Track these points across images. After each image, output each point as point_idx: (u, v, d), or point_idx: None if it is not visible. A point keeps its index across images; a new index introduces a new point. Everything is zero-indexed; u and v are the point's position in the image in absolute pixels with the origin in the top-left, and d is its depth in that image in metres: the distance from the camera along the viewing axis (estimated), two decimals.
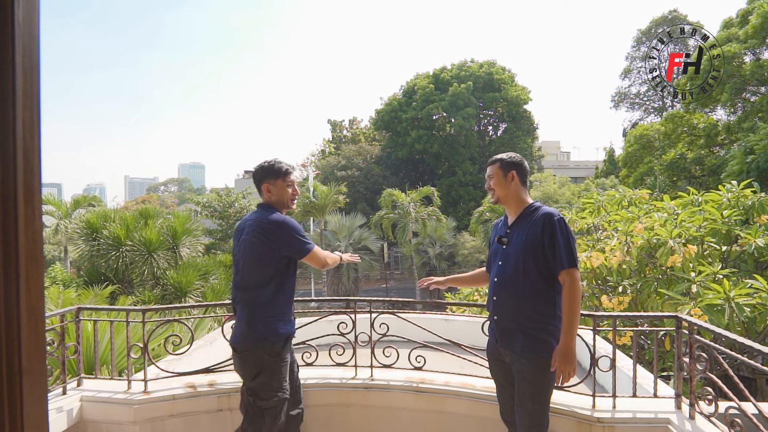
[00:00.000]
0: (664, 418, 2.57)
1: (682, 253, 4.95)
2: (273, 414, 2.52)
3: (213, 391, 3.19)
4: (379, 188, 28.36)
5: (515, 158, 2.53)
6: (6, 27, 0.51)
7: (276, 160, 2.67)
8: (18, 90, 0.52)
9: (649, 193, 7.24)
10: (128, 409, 3.05)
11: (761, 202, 5.37)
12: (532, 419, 2.28)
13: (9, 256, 0.52)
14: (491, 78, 34.03)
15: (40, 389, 0.55)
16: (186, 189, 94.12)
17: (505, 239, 2.46)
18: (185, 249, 11.70)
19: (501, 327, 2.42)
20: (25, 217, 0.52)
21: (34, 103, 0.55)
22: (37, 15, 0.55)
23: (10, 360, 0.50)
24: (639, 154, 17.70)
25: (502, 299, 2.42)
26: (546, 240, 2.28)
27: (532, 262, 2.31)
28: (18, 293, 0.51)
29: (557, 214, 2.33)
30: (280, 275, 2.55)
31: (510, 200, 2.48)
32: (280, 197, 2.64)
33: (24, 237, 0.52)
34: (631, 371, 2.89)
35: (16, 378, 0.51)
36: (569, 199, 26.03)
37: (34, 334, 0.53)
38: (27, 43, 0.53)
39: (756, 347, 2.11)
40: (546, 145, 47.23)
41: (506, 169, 2.49)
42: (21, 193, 0.52)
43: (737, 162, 11.39)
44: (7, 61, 0.51)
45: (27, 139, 0.53)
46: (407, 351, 3.30)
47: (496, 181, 2.51)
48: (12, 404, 0.50)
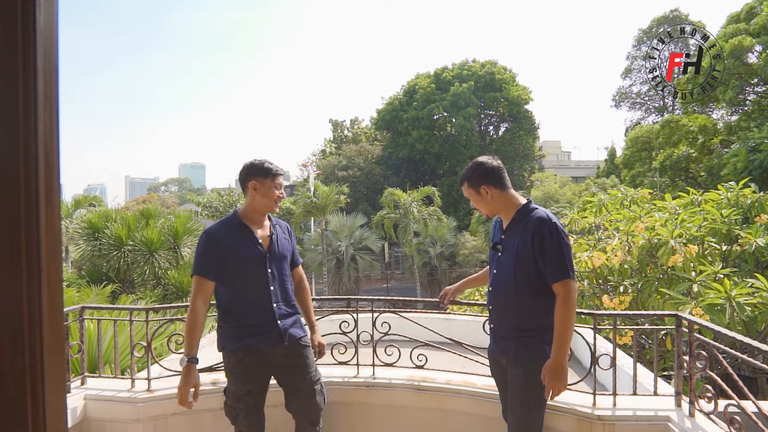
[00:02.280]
0: (664, 415, 2.59)
1: (683, 253, 4.97)
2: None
3: (216, 389, 3.21)
4: (380, 188, 28.39)
5: (478, 169, 2.36)
6: (28, 33, 0.53)
7: (264, 160, 2.59)
8: (39, 93, 0.54)
9: (650, 192, 7.27)
10: (132, 407, 3.07)
11: (761, 202, 5.39)
12: (519, 424, 2.28)
13: (31, 251, 0.54)
14: (492, 78, 34.06)
15: (59, 381, 0.57)
16: (186, 189, 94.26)
17: (500, 246, 2.39)
18: (186, 249, 11.73)
19: (497, 336, 2.43)
20: (46, 214, 0.55)
21: (53, 106, 0.57)
22: (56, 21, 0.57)
23: (32, 351, 0.52)
24: (637, 157, 17.75)
25: (497, 308, 2.40)
26: (537, 249, 2.19)
27: (523, 272, 2.24)
28: (40, 287, 0.53)
29: (549, 220, 2.20)
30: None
31: (499, 210, 2.39)
32: (265, 202, 2.53)
33: (45, 233, 0.55)
34: (632, 370, 2.91)
35: (38, 369, 0.53)
36: (570, 198, 26.05)
37: (54, 328, 0.55)
38: (47, 48, 0.55)
39: (755, 345, 2.13)
40: (547, 144, 47.23)
41: (476, 186, 2.36)
42: (42, 192, 0.54)
43: (741, 159, 11.39)
44: (29, 66, 0.53)
45: (47, 141, 0.56)
46: (409, 350, 3.32)
47: (475, 201, 2.42)
48: (34, 395, 0.52)
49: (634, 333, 3.05)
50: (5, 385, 0.53)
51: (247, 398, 2.50)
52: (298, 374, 2.59)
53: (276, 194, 2.54)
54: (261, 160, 2.58)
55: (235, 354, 2.47)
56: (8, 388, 0.53)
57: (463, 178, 2.42)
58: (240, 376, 2.49)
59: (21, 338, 0.53)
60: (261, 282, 2.50)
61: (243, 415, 2.51)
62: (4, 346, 0.54)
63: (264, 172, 2.53)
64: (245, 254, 2.48)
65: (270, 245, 2.57)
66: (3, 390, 0.54)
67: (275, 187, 2.54)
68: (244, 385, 2.50)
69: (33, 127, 0.54)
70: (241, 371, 2.49)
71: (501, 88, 34.08)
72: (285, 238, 2.69)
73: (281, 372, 2.60)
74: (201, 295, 2.43)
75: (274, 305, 2.51)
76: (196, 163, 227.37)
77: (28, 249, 0.53)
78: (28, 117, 0.53)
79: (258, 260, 2.51)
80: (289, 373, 2.59)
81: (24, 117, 0.53)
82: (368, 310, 3.43)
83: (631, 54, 36.43)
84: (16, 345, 0.53)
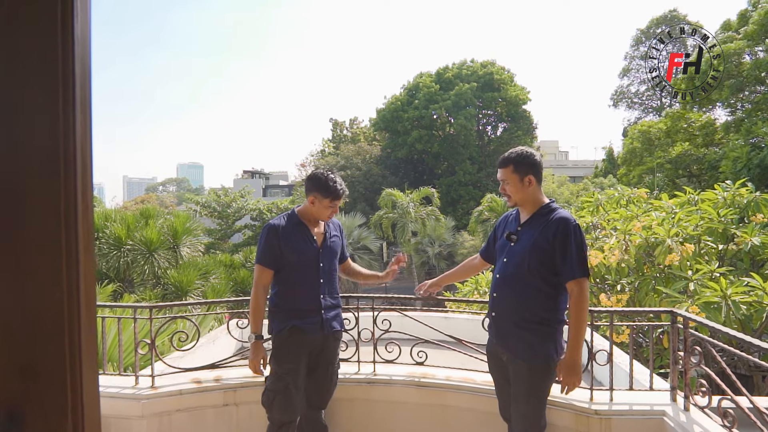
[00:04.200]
0: (659, 410, 2.64)
1: (679, 252, 5.03)
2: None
3: (219, 386, 3.26)
4: (379, 188, 28.41)
5: (530, 158, 2.37)
6: (67, 42, 0.57)
7: (334, 179, 2.69)
8: (77, 98, 0.58)
9: (647, 192, 7.33)
10: (136, 403, 3.11)
11: (756, 201, 5.45)
12: (526, 420, 2.29)
13: (70, 245, 0.58)
14: (491, 78, 34.11)
15: (93, 370, 0.61)
16: (185, 189, 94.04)
17: (514, 236, 2.37)
18: (186, 248, 11.75)
19: (499, 326, 2.39)
20: (83, 211, 0.59)
21: (87, 110, 0.61)
22: (89, 30, 0.61)
23: (72, 340, 0.56)
24: (639, 151, 17.78)
25: (503, 297, 2.37)
26: (557, 245, 2.21)
27: (538, 263, 2.25)
28: (78, 280, 0.58)
29: (573, 221, 2.26)
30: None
31: (527, 202, 2.38)
32: (318, 214, 2.73)
33: (82, 228, 0.59)
34: (628, 366, 2.96)
35: (77, 359, 0.57)
36: (568, 198, 26.13)
37: (89, 319, 0.60)
38: (82, 56, 0.60)
39: (750, 341, 2.18)
40: (544, 144, 47.33)
41: (522, 173, 2.35)
42: (80, 190, 0.59)
43: (740, 156, 11.44)
44: (68, 73, 0.57)
45: (83, 142, 0.60)
46: (409, 347, 3.37)
47: (512, 188, 2.38)
48: (74, 384, 0.56)
49: (631, 330, 3.10)
50: (47, 369, 0.58)
51: (287, 377, 2.62)
52: (324, 359, 2.78)
53: (328, 213, 2.73)
54: (326, 177, 2.70)
55: (281, 333, 2.65)
56: (50, 373, 0.57)
57: (510, 161, 2.37)
58: (283, 355, 2.65)
59: (61, 327, 0.57)
60: (312, 274, 2.72)
61: (280, 398, 2.61)
62: (46, 333, 0.58)
63: (324, 192, 2.67)
64: (301, 248, 2.69)
65: (323, 242, 2.79)
66: (43, 375, 0.58)
67: (330, 207, 2.71)
68: (286, 364, 2.64)
69: (71, 130, 0.58)
70: (285, 350, 2.65)
71: (499, 88, 34.14)
72: (336, 235, 2.91)
73: (312, 355, 2.75)
74: (262, 281, 2.68)
75: (321, 297, 2.73)
76: (195, 163, 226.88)
77: (67, 244, 0.58)
78: (67, 120, 0.58)
79: (311, 255, 2.72)
80: (318, 356, 2.76)
81: (63, 120, 0.57)
82: (369, 308, 3.48)
83: (629, 54, 36.55)
84: (56, 332, 0.57)
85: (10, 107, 0.56)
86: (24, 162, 0.57)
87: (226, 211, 27.73)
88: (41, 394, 0.57)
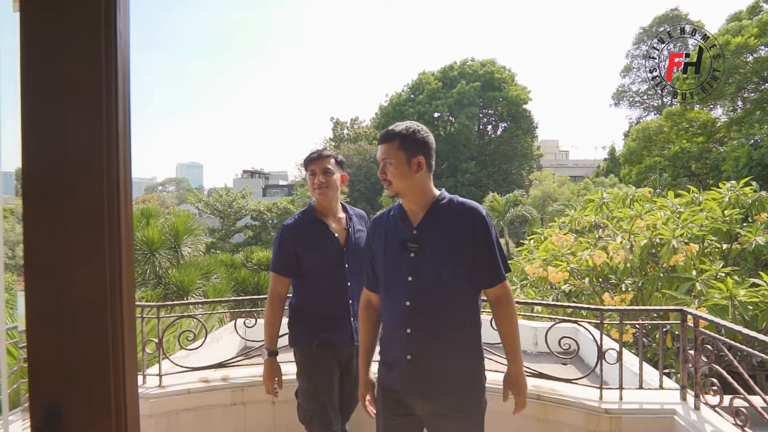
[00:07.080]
0: (669, 408, 2.64)
1: (684, 252, 5.03)
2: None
3: (226, 385, 3.25)
4: (380, 187, 28.43)
5: (419, 133, 1.80)
6: (110, 37, 0.57)
7: (314, 150, 2.42)
8: (119, 93, 0.58)
9: (650, 191, 7.34)
10: (144, 402, 3.10)
11: (761, 200, 5.46)
12: None
13: (113, 240, 0.58)
14: (492, 77, 34.16)
15: (133, 365, 0.61)
16: (184, 189, 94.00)
17: (413, 245, 1.75)
18: (187, 248, 11.75)
19: (421, 370, 1.75)
20: (124, 204, 0.59)
21: (127, 105, 0.61)
22: (128, 26, 0.61)
23: (114, 339, 0.56)
24: (641, 150, 17.80)
25: (424, 331, 1.75)
26: (481, 243, 1.73)
27: (455, 273, 1.73)
28: (120, 274, 0.57)
29: (484, 209, 1.80)
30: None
31: (413, 191, 1.78)
32: (313, 195, 2.43)
33: (124, 224, 0.59)
34: (636, 366, 2.96)
35: (120, 358, 0.57)
36: (568, 197, 26.13)
37: (130, 319, 0.60)
38: (124, 50, 0.59)
39: (761, 338, 2.18)
40: (545, 143, 47.36)
41: (411, 151, 1.76)
42: (122, 184, 0.59)
43: (742, 154, 11.46)
44: (111, 67, 0.57)
45: (124, 137, 0.60)
46: None
47: (396, 170, 1.77)
48: (116, 377, 0.56)
49: (639, 329, 3.10)
50: (89, 368, 0.57)
51: (321, 396, 2.33)
52: (350, 370, 2.43)
53: (314, 187, 2.38)
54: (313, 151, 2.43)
55: (308, 349, 2.35)
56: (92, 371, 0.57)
57: (395, 135, 1.79)
58: (314, 372, 2.35)
59: (105, 319, 0.57)
60: (338, 277, 2.37)
61: (318, 416, 2.32)
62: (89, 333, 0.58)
63: (305, 165, 2.42)
64: (320, 248, 2.35)
65: (346, 238, 2.42)
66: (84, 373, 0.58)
67: (310, 174, 2.40)
68: (319, 381, 2.34)
69: (114, 124, 0.58)
70: (315, 367, 2.35)
71: (500, 88, 34.19)
72: (361, 230, 2.49)
73: (341, 367, 2.43)
74: (276, 291, 2.37)
75: (350, 302, 2.37)
76: (194, 162, 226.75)
77: (110, 239, 0.57)
78: (110, 115, 0.57)
79: (334, 254, 2.38)
80: (346, 366, 2.44)
81: (106, 115, 0.57)
82: None
83: (631, 52, 36.60)
84: (100, 331, 0.57)
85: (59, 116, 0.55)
86: (69, 168, 0.56)
87: (227, 210, 27.77)
88: (84, 391, 0.56)
